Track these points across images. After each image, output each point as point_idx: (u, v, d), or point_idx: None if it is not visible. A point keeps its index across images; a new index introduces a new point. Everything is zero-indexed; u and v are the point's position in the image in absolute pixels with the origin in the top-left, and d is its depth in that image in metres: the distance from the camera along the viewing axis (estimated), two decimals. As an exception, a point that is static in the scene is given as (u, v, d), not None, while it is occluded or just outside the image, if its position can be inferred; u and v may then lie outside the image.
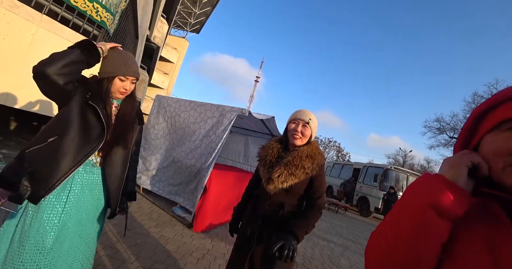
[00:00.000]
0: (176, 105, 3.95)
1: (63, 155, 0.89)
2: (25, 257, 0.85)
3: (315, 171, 1.20)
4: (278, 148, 1.30)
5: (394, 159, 34.74)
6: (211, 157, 3.14)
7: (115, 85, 1.04)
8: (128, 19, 4.99)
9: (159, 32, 11.71)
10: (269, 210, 1.23)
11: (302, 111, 1.26)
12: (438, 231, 0.44)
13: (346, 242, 4.88)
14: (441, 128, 21.36)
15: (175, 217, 3.29)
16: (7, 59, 2.81)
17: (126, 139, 1.09)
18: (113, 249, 2.06)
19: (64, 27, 3.22)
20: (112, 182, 1.07)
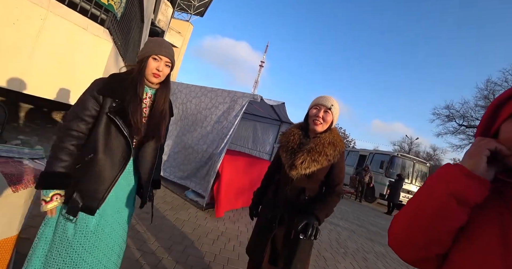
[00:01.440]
0: (187, 91, 3.94)
1: (103, 170, 0.95)
2: (71, 240, 0.93)
3: (336, 158, 1.21)
4: (299, 134, 1.30)
5: (399, 146, 34.51)
6: (223, 142, 3.18)
7: (149, 66, 1.01)
8: (134, 3, 4.86)
9: (163, 15, 11.40)
10: (290, 195, 1.26)
11: (324, 97, 1.25)
12: (457, 217, 0.47)
13: (352, 226, 5.01)
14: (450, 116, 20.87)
15: (188, 201, 3.40)
16: (18, 45, 2.80)
17: (160, 132, 1.09)
18: (134, 230, 2.17)
19: (72, 11, 3.16)
20: (144, 173, 1.10)
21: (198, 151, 3.49)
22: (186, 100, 3.91)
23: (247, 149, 5.85)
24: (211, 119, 3.45)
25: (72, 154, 0.93)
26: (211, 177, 3.16)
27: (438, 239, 0.49)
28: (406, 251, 0.55)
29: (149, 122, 1.06)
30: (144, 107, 1.06)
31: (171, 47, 1.08)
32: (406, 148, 32.49)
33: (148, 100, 1.09)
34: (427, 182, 0.55)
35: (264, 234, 1.29)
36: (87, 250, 0.94)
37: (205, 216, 3.02)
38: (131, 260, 1.74)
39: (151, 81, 1.06)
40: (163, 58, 1.04)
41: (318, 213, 1.14)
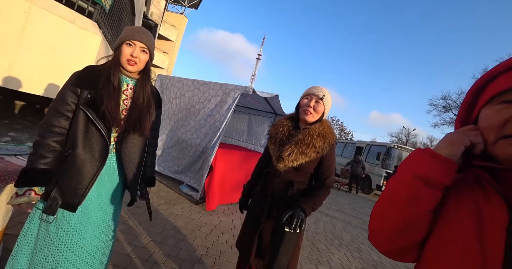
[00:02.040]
0: (179, 85, 3.89)
1: (82, 165, 0.91)
2: (53, 237, 0.91)
3: (326, 150, 1.18)
4: (289, 125, 1.28)
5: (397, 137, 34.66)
6: (215, 136, 3.17)
7: (123, 53, 0.97)
8: (123, -6, 4.72)
9: (156, 8, 11.16)
10: (278, 188, 1.24)
11: (316, 87, 1.22)
12: (426, 198, 0.47)
13: (348, 217, 5.06)
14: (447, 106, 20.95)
15: (182, 195, 3.41)
16: (2, 40, 2.73)
17: (143, 125, 1.04)
18: (125, 225, 2.17)
19: (57, 4, 3.07)
20: (130, 169, 1.05)
21: (191, 145, 3.48)
22: (179, 95, 3.86)
23: (242, 142, 5.84)
24: (204, 113, 3.43)
25: (54, 150, 0.90)
26: (204, 171, 3.16)
27: (411, 223, 0.48)
28: (383, 240, 0.54)
29: (129, 114, 1.02)
30: (125, 99, 1.02)
31: (147, 33, 1.03)
32: (403, 139, 32.66)
33: (130, 91, 1.04)
34: (398, 169, 0.55)
35: (252, 227, 1.29)
36: (69, 247, 0.92)
37: (199, 210, 3.03)
38: (121, 254, 1.75)
39: (128, 69, 1.00)
40: (137, 44, 0.99)
41: (303, 204, 1.12)
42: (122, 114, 1.01)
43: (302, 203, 1.13)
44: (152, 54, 1.07)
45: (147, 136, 1.11)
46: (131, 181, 1.08)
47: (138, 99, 1.03)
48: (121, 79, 1.02)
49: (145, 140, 1.11)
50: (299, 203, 1.12)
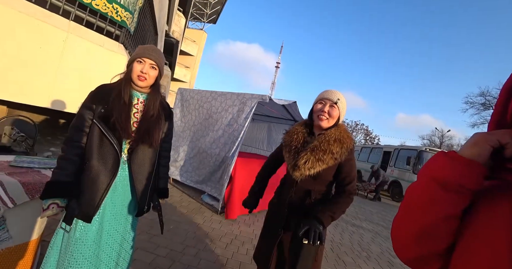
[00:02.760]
0: (198, 97, 4.04)
1: (97, 176, 0.98)
2: (73, 249, 0.97)
3: (344, 156, 1.12)
4: (303, 132, 1.23)
5: (429, 139, 32.18)
6: (234, 145, 3.21)
7: (134, 69, 1.05)
8: (146, 16, 5.12)
9: (177, 26, 11.88)
10: (295, 198, 1.20)
11: (329, 91, 1.18)
12: (445, 203, 0.43)
13: (377, 227, 4.75)
14: (487, 104, 19.14)
15: (203, 205, 3.47)
16: (45, 66, 3.09)
17: (152, 136, 1.08)
18: (148, 234, 2.25)
19: (89, 31, 3.41)
20: (138, 180, 1.08)
21: (211, 155, 3.55)
22: (198, 106, 4.01)
23: (262, 150, 5.84)
24: (221, 123, 3.51)
25: (74, 163, 0.98)
26: (224, 181, 3.19)
27: (430, 229, 0.45)
28: (401, 247, 0.51)
29: (140, 126, 1.07)
30: (135, 112, 1.08)
31: (156, 51, 1.10)
32: (437, 142, 30.24)
33: (141, 105, 1.11)
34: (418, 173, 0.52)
35: (269, 240, 1.25)
36: (87, 258, 0.98)
37: (220, 220, 3.05)
38: (143, 263, 1.81)
39: (138, 85, 1.07)
40: (146, 61, 1.06)
41: (321, 215, 1.06)
42: (133, 126, 1.07)
43: (319, 212, 1.07)
44: (162, 70, 1.13)
45: (156, 146, 1.14)
46: (140, 191, 1.10)
47: (147, 112, 1.09)
48: (132, 94, 1.09)
49: (155, 151, 1.15)
50: (316, 213, 1.07)
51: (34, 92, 3.09)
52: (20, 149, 2.14)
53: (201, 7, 19.23)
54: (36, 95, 3.12)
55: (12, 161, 1.49)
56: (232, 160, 3.17)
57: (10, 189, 1.20)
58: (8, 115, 3.04)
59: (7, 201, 1.18)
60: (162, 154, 1.26)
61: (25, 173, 1.37)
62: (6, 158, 1.57)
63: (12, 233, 1.24)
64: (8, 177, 1.25)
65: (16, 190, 1.21)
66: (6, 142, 2.19)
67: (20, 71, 2.86)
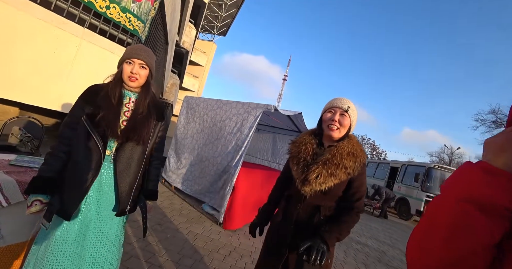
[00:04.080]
0: (204, 105, 4.06)
1: (80, 174, 0.96)
2: (53, 247, 0.94)
3: (357, 171, 1.04)
4: (312, 143, 1.14)
5: (438, 157, 31.39)
6: (238, 155, 3.16)
7: (124, 70, 1.06)
8: (158, 26, 5.30)
9: (187, 37, 12.27)
10: (302, 214, 1.11)
11: (339, 99, 1.10)
12: (485, 230, 0.34)
13: (383, 246, 4.53)
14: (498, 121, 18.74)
15: (204, 214, 3.38)
16: (58, 70, 3.18)
17: (139, 134, 1.06)
18: (145, 242, 2.18)
19: (102, 38, 3.53)
20: (122, 178, 1.05)
21: (213, 163, 3.51)
22: (203, 114, 4.02)
23: (266, 161, 5.77)
24: (225, 131, 3.49)
25: (61, 160, 0.98)
26: (226, 191, 3.11)
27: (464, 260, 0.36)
28: None
29: (127, 124, 1.06)
30: (126, 111, 1.08)
31: (145, 50, 1.10)
32: (446, 159, 29.45)
33: (132, 104, 1.11)
34: (443, 185, 0.43)
35: (273, 260, 1.15)
36: (68, 257, 0.94)
37: (219, 230, 2.96)
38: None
39: (129, 85, 1.08)
40: (135, 61, 1.06)
41: (326, 234, 0.98)
42: (122, 125, 1.06)
43: (324, 232, 0.99)
44: (152, 69, 1.13)
45: (144, 145, 1.11)
46: (123, 191, 1.06)
47: (136, 110, 1.09)
48: (124, 93, 1.10)
49: (143, 150, 1.11)
50: (321, 232, 0.99)
51: (46, 95, 3.16)
52: (25, 149, 2.15)
53: (212, 20, 19.92)
54: (47, 98, 3.19)
55: (12, 160, 1.49)
56: (235, 170, 3.11)
57: (6, 187, 1.18)
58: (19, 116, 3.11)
59: (2, 199, 1.16)
60: (153, 155, 1.23)
61: (23, 172, 1.36)
62: (8, 157, 1.57)
63: (4, 233, 1.20)
64: (5, 175, 1.23)
65: (11, 188, 1.19)
66: (13, 142, 2.21)
67: (34, 74, 2.95)
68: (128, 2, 3.53)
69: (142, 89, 1.13)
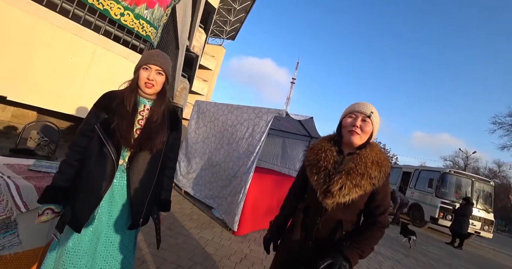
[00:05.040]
0: (215, 109, 4.08)
1: (93, 184, 0.94)
2: (65, 259, 0.92)
3: (382, 181, 0.97)
4: (332, 150, 1.06)
5: (452, 161, 30.35)
6: (249, 160, 3.11)
7: (141, 77, 1.03)
8: (169, 32, 5.39)
9: (197, 41, 12.46)
10: (323, 229, 1.02)
11: (361, 103, 1.03)
12: None
13: (396, 254, 4.37)
14: (516, 125, 17.95)
15: (214, 219, 3.37)
16: (73, 75, 3.27)
17: (153, 142, 1.03)
18: (155, 247, 2.18)
19: (116, 44, 3.62)
20: (135, 190, 1.02)
21: (224, 168, 3.50)
22: (213, 119, 4.03)
23: (276, 166, 5.72)
24: (236, 136, 3.47)
25: (75, 168, 0.97)
26: (236, 198, 3.07)
27: None
28: None
29: (141, 132, 1.03)
30: (140, 119, 1.05)
31: (162, 56, 1.07)
32: (461, 164, 28.44)
33: (147, 112, 1.08)
34: None
35: None
36: None
37: (230, 236, 2.93)
38: (150, 279, 1.73)
39: (145, 91, 1.05)
40: (152, 67, 1.03)
41: (348, 251, 0.91)
42: (136, 133, 1.03)
43: (346, 248, 0.92)
44: (168, 75, 1.10)
45: (158, 154, 1.08)
46: (136, 202, 1.03)
47: (150, 118, 1.06)
48: (139, 100, 1.07)
49: (157, 160, 1.08)
50: (342, 249, 0.92)
51: (62, 99, 3.25)
52: (42, 153, 2.21)
53: (221, 24, 20.19)
54: (63, 102, 3.28)
55: (31, 165, 1.52)
56: (248, 177, 3.04)
57: (25, 193, 1.20)
58: (37, 121, 3.20)
59: (21, 205, 1.17)
60: (167, 164, 1.19)
61: (41, 177, 1.38)
62: (27, 162, 1.60)
63: (21, 238, 1.22)
64: (24, 181, 1.25)
65: (30, 194, 1.21)
66: (31, 146, 2.27)
67: (51, 79, 3.04)
68: (142, 9, 3.61)
69: (158, 96, 1.10)
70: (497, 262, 6.61)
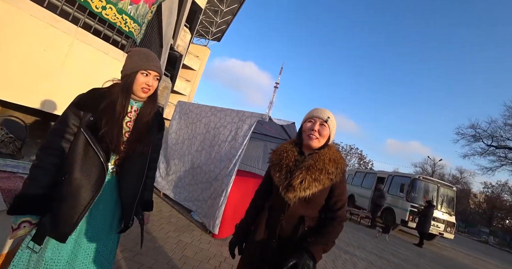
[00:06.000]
0: (198, 111, 4.02)
1: (78, 191, 0.87)
2: (43, 267, 0.85)
3: (339, 177, 1.05)
4: (293, 150, 1.14)
5: (421, 167, 32.54)
6: (231, 163, 3.10)
7: (138, 81, 0.98)
8: (154, 29, 5.25)
9: (182, 41, 12.24)
10: (286, 226, 1.07)
11: (319, 109, 1.12)
12: None
13: (370, 256, 4.57)
14: (477, 136, 19.71)
15: (193, 222, 3.30)
16: (47, 69, 3.06)
17: (143, 145, 1.01)
18: (132, 252, 2.09)
19: (96, 38, 3.45)
20: (126, 194, 1.00)
21: (205, 171, 3.45)
22: (196, 120, 3.97)
23: (257, 169, 5.75)
24: (218, 139, 3.45)
25: (51, 174, 0.86)
26: (217, 201, 3.04)
27: None
28: None
29: (131, 136, 0.99)
30: (128, 121, 1.01)
31: (157, 59, 1.05)
32: (429, 170, 30.54)
33: (134, 113, 1.04)
34: None
35: None
36: None
37: (209, 239, 2.89)
38: (124, 286, 1.65)
39: (140, 95, 1.02)
40: (152, 73, 1.01)
41: (312, 247, 0.95)
42: (124, 136, 0.99)
43: (310, 245, 0.96)
44: (161, 78, 1.09)
45: (146, 157, 1.07)
46: (127, 206, 1.01)
47: (140, 122, 1.02)
48: None
49: (145, 162, 1.07)
50: (306, 245, 0.96)
51: (32, 93, 3.02)
52: (6, 151, 2.04)
53: (207, 25, 20.03)
54: (33, 96, 3.05)
55: (-5, 164, 1.40)
56: (229, 180, 3.03)
57: (-12, 195, 1.10)
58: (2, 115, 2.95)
59: (-17, 208, 1.08)
60: (149, 165, 1.17)
61: (7, 178, 1.28)
62: (-11, 160, 1.47)
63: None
64: (-13, 181, 1.15)
65: (-6, 196, 1.11)
66: (-7, 143, 2.08)
67: (20, 72, 2.82)
68: (125, 3, 3.49)
69: (149, 99, 1.07)
70: (457, 261, 7.15)
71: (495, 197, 29.58)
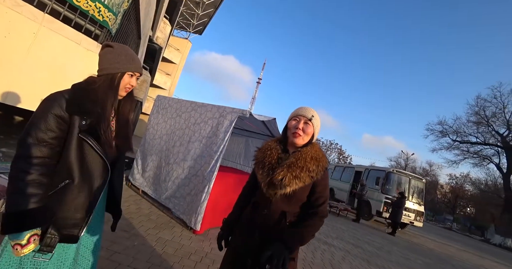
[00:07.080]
0: (177, 106, 3.92)
1: (81, 195, 0.87)
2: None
3: (320, 175, 1.08)
4: (277, 148, 1.18)
5: (396, 161, 34.57)
6: (213, 160, 3.07)
7: (124, 82, 0.98)
8: (131, 20, 5.00)
9: (161, 33, 11.76)
10: (268, 221, 1.10)
11: (304, 108, 1.16)
12: None
13: (347, 245, 4.81)
14: (444, 132, 21.24)
15: (174, 219, 3.25)
16: (9, 58, 2.81)
17: (130, 142, 1.06)
18: (109, 251, 2.03)
19: (66, 27, 3.21)
20: (117, 186, 1.06)
21: (183, 167, 3.39)
22: (175, 115, 3.88)
23: (239, 164, 5.76)
24: (199, 135, 3.40)
25: (44, 185, 0.80)
26: (199, 196, 3.02)
27: None
28: None
29: (119, 135, 1.01)
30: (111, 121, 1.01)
31: (139, 58, 1.07)
32: (402, 164, 32.51)
33: (113, 111, 1.03)
34: None
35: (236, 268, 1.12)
36: None
37: (190, 236, 2.87)
38: (100, 285, 1.60)
39: (121, 95, 1.02)
40: (137, 74, 1.03)
41: (289, 238, 1.00)
42: None
43: (287, 236, 1.01)
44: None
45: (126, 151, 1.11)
46: (118, 198, 1.07)
47: (122, 120, 1.04)
48: None
49: (124, 156, 1.12)
50: (284, 237, 1.01)
51: (-9, 85, 2.77)
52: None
53: (188, 17, 19.41)
54: (-8, 89, 2.79)
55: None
56: (211, 176, 3.00)
57: None
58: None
59: None
60: None
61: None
62: None
63: None
64: None
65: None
66: None
67: (-24, 61, 2.56)
68: (99, -9, 3.28)
69: (128, 96, 1.07)
70: (425, 246, 7.76)
71: (459, 188, 32.28)
